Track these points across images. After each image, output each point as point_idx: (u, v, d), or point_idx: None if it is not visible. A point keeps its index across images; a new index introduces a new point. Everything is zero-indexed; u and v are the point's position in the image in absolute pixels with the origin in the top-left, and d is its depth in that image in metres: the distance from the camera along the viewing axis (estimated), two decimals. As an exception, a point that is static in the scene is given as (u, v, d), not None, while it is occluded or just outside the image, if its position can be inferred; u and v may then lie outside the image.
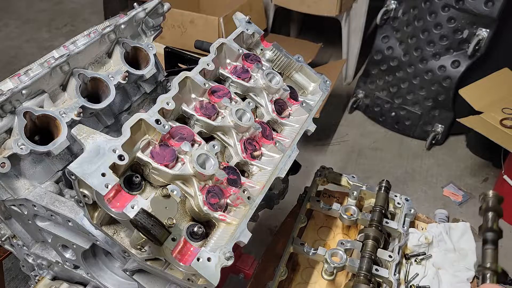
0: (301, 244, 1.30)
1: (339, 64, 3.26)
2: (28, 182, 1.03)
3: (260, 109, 1.17)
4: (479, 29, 2.69)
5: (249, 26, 1.24)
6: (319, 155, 3.17)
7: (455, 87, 2.89)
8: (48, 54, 1.17)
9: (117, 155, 0.81)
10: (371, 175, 2.95)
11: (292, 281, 1.35)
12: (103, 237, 0.96)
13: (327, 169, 1.55)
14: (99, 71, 1.16)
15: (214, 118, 1.03)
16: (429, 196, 2.85)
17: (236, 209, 0.94)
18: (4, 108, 0.95)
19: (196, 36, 2.20)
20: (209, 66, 1.07)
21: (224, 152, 1.06)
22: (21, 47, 4.36)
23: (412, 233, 1.39)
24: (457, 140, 3.26)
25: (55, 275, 1.28)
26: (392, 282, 1.19)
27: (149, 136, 0.90)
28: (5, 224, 1.14)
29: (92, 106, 1.09)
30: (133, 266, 0.98)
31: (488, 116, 2.41)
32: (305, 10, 3.35)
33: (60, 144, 1.01)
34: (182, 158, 0.91)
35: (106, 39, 1.15)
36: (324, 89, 1.29)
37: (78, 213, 0.94)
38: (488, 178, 2.96)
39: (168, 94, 0.95)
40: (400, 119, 3.25)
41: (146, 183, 0.89)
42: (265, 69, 1.17)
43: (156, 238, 0.75)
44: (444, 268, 1.34)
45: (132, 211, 0.77)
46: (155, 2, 1.25)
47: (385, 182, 1.42)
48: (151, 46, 1.26)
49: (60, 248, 1.10)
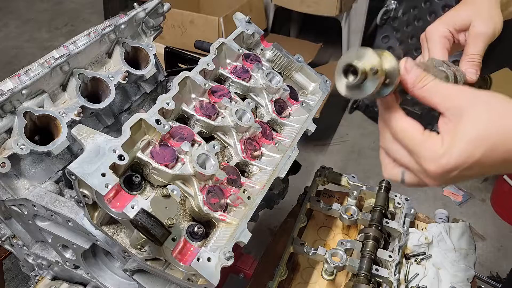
0: (301, 244, 1.30)
1: (339, 64, 3.26)
2: (28, 182, 1.03)
3: (260, 109, 1.17)
4: (479, 29, 2.68)
5: (249, 26, 1.24)
6: (319, 155, 3.17)
7: (455, 87, 2.89)
8: (48, 54, 1.17)
9: (117, 155, 0.81)
10: (371, 175, 2.95)
11: (292, 281, 1.35)
12: (103, 237, 0.96)
13: (327, 169, 1.55)
14: (99, 71, 1.16)
15: (214, 118, 1.03)
16: (429, 196, 2.85)
17: (236, 209, 0.94)
18: (4, 108, 0.95)
19: (196, 36, 2.20)
20: (209, 66, 1.07)
21: (224, 152, 1.06)
22: (21, 47, 4.36)
23: (412, 233, 1.39)
24: (457, 140, 3.26)
25: (55, 275, 1.28)
26: (392, 282, 1.19)
27: (149, 136, 0.90)
28: (5, 224, 1.14)
29: (92, 106, 1.09)
30: (133, 266, 0.98)
31: (488, 116, 2.41)
32: (305, 10, 3.35)
33: (60, 144, 1.01)
34: (182, 158, 0.91)
35: (106, 39, 1.15)
36: (324, 89, 1.29)
37: (78, 213, 0.94)
38: (488, 178, 2.96)
39: (168, 94, 0.95)
40: (400, 119, 3.26)
41: (146, 183, 0.89)
42: (265, 69, 1.17)
43: (156, 238, 0.75)
44: (444, 268, 1.34)
45: (132, 211, 0.77)
46: (155, 2, 1.25)
47: (385, 182, 1.42)
48: (151, 46, 1.26)
49: (60, 248, 1.10)
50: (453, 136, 0.58)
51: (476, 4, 0.88)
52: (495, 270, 2.37)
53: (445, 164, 0.58)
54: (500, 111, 0.58)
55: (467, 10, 0.88)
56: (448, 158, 0.57)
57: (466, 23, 0.87)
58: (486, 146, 0.56)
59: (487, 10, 0.86)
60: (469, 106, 0.58)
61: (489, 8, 0.87)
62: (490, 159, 0.57)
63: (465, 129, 0.57)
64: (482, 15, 0.86)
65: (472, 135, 0.57)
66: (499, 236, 2.62)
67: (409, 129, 0.62)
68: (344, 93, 0.63)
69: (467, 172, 0.58)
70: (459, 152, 0.57)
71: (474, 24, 0.86)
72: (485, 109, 0.58)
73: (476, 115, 0.57)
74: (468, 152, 0.56)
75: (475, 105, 0.58)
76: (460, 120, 0.58)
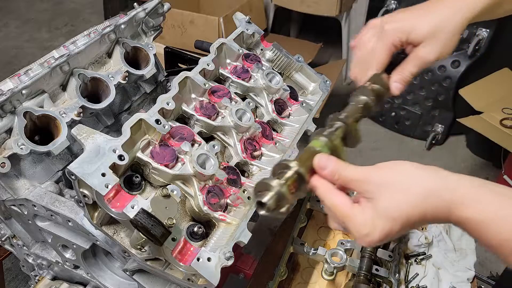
0: (301, 244, 1.30)
1: (339, 64, 3.26)
2: (28, 182, 1.03)
3: (260, 109, 1.17)
4: (479, 29, 2.69)
5: (249, 26, 1.24)
6: (319, 155, 3.16)
7: (455, 87, 2.89)
8: (48, 54, 1.17)
9: (117, 155, 0.81)
10: (371, 175, 2.94)
11: (292, 281, 1.35)
12: (103, 237, 0.96)
13: (327, 169, 1.55)
14: (99, 71, 1.16)
15: (214, 118, 1.03)
16: (429, 196, 2.85)
17: (236, 209, 0.94)
18: (4, 108, 0.95)
19: (196, 36, 2.19)
20: (209, 66, 1.07)
21: (224, 152, 1.06)
22: (21, 47, 4.36)
23: (412, 233, 1.39)
24: (457, 140, 3.25)
25: (55, 275, 1.28)
26: (392, 282, 1.19)
27: (149, 136, 0.90)
28: (5, 224, 1.14)
29: (92, 106, 1.08)
30: (133, 266, 0.98)
31: (488, 116, 2.41)
32: (305, 10, 3.34)
33: (60, 144, 1.01)
34: (182, 158, 0.91)
35: (106, 39, 1.15)
36: (324, 89, 1.29)
37: (78, 213, 0.94)
38: (488, 178, 2.96)
39: (168, 94, 0.95)
40: (400, 119, 3.26)
41: (146, 183, 0.89)
42: (265, 69, 1.17)
43: (156, 238, 0.75)
44: (444, 268, 1.34)
45: (132, 211, 0.78)
46: (155, 2, 1.25)
47: (385, 182, 1.42)
48: (151, 46, 1.26)
49: (60, 248, 1.10)
50: (373, 216, 0.66)
51: (439, 22, 0.85)
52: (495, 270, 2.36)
53: (370, 241, 0.67)
54: (405, 187, 0.66)
55: (428, 24, 0.85)
56: (372, 237, 0.66)
57: (420, 40, 0.85)
58: (401, 220, 0.65)
59: (445, 36, 0.85)
60: (380, 189, 0.67)
61: (449, 32, 0.85)
62: (408, 226, 0.66)
63: (381, 210, 0.66)
64: (437, 40, 0.85)
65: (388, 214, 0.65)
66: (499, 236, 2.61)
67: (339, 206, 0.69)
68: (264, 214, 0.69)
69: (392, 238, 0.68)
70: (380, 230, 0.66)
71: (424, 48, 0.85)
72: (393, 189, 0.66)
73: (387, 196, 0.66)
74: (388, 228, 0.66)
75: (384, 187, 0.67)
76: (376, 202, 0.66)
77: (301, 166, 0.68)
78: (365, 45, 0.90)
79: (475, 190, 0.62)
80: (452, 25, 0.84)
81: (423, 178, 0.66)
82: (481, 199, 0.61)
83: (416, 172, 0.67)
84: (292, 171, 0.67)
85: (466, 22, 0.84)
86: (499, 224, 0.59)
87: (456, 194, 0.62)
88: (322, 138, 0.73)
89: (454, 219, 0.63)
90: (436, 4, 0.87)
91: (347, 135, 0.77)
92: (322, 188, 0.71)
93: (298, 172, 0.68)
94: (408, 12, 0.88)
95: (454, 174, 0.65)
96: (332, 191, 0.70)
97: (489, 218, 0.59)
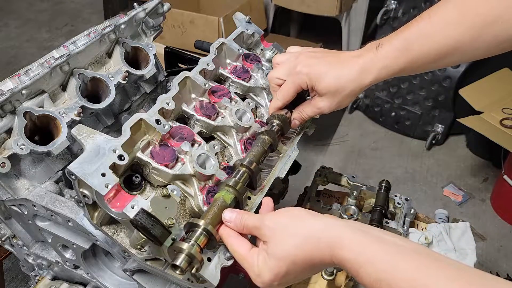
0: (301, 244, 1.30)
1: (339, 64, 3.26)
2: (28, 182, 1.03)
3: (260, 109, 1.17)
4: (479, 29, 2.68)
5: (249, 26, 1.24)
6: (319, 155, 3.17)
7: (455, 87, 2.89)
8: (48, 54, 1.17)
9: (117, 155, 0.81)
10: (371, 175, 2.95)
11: (292, 281, 1.35)
12: (103, 237, 0.96)
13: (327, 169, 1.55)
14: (99, 71, 1.16)
15: (214, 118, 1.03)
16: (429, 196, 2.85)
17: (236, 209, 0.94)
18: (4, 108, 0.95)
19: (196, 36, 2.20)
20: (209, 66, 1.07)
21: (224, 152, 1.06)
22: (21, 47, 4.36)
23: (412, 233, 1.39)
24: (457, 140, 3.26)
25: (55, 275, 1.28)
26: None
27: (149, 136, 0.90)
28: (5, 224, 1.14)
29: (92, 106, 1.08)
30: (133, 266, 0.98)
31: (488, 116, 2.41)
32: (305, 10, 3.35)
33: (60, 144, 1.01)
34: (182, 158, 0.91)
35: (106, 39, 1.15)
36: (324, 89, 1.28)
37: (78, 213, 0.94)
38: (488, 178, 2.97)
39: (168, 94, 0.95)
40: (400, 119, 3.26)
41: (146, 183, 0.89)
42: (265, 69, 1.17)
43: (156, 238, 0.75)
44: (444, 268, 1.34)
45: (132, 211, 0.77)
46: (155, 2, 1.25)
47: (385, 182, 1.42)
48: (151, 46, 1.25)
49: (60, 248, 1.10)
50: (264, 258, 0.75)
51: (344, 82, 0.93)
52: (495, 270, 2.37)
53: (262, 281, 0.75)
54: (293, 231, 0.73)
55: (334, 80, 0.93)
56: (263, 277, 0.75)
57: (322, 92, 0.96)
58: (287, 260, 0.72)
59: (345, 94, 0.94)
60: (273, 232, 0.75)
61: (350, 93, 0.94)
62: (295, 269, 0.73)
63: (271, 252, 0.74)
64: (337, 98, 0.95)
65: (276, 255, 0.73)
66: (499, 236, 2.62)
67: (237, 250, 0.79)
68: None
69: (286, 280, 0.75)
70: (269, 270, 0.74)
71: (323, 102, 0.97)
72: (284, 233, 0.74)
73: (277, 239, 0.74)
74: (276, 269, 0.73)
75: (277, 230, 0.75)
76: (268, 244, 0.75)
77: (209, 223, 0.78)
78: (276, 81, 1.03)
79: (354, 234, 0.68)
80: (355, 86, 0.93)
81: (310, 222, 0.73)
82: (358, 243, 0.67)
83: (306, 217, 0.75)
84: (200, 229, 0.78)
85: (372, 83, 0.93)
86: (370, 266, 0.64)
87: (336, 237, 0.69)
88: (231, 190, 0.85)
89: (336, 261, 0.69)
90: (351, 59, 0.93)
91: (252, 179, 0.90)
92: (224, 235, 0.81)
93: (205, 230, 0.78)
94: (322, 59, 0.96)
95: (343, 220, 0.72)
96: (232, 237, 0.80)
97: (363, 260, 0.65)
